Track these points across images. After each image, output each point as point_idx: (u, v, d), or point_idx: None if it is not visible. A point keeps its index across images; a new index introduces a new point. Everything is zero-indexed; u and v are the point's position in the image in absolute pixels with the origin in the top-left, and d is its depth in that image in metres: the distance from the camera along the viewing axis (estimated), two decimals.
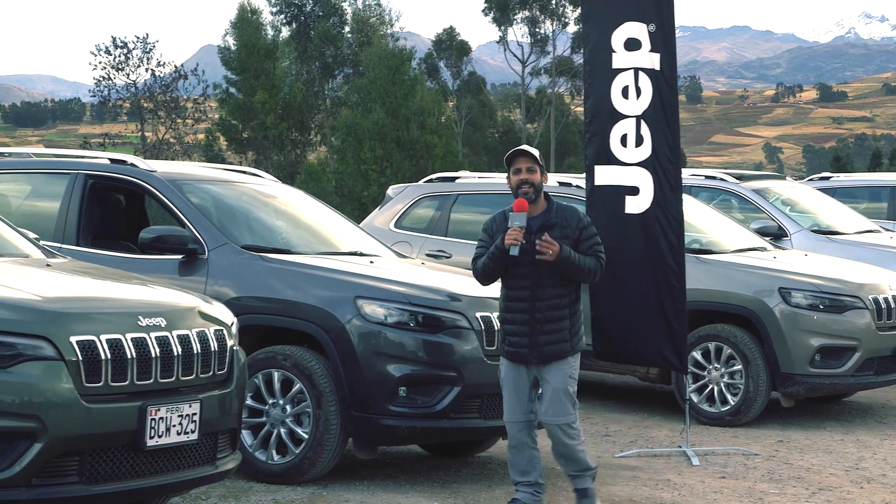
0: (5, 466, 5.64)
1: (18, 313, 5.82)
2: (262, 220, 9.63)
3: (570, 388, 7.52)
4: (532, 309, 7.45)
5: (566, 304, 7.51)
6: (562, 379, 7.48)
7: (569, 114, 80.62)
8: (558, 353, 7.47)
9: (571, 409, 7.53)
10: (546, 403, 7.51)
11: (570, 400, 7.51)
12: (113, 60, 55.08)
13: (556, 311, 7.46)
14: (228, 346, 6.61)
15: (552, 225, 7.48)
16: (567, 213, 7.57)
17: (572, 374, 7.54)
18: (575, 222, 7.54)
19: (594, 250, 7.56)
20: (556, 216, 7.52)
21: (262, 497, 7.89)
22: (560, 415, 7.49)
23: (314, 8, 66.82)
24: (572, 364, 7.54)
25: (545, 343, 7.45)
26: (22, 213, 9.58)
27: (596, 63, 10.03)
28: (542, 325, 7.44)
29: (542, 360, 7.47)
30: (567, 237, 7.47)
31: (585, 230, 7.55)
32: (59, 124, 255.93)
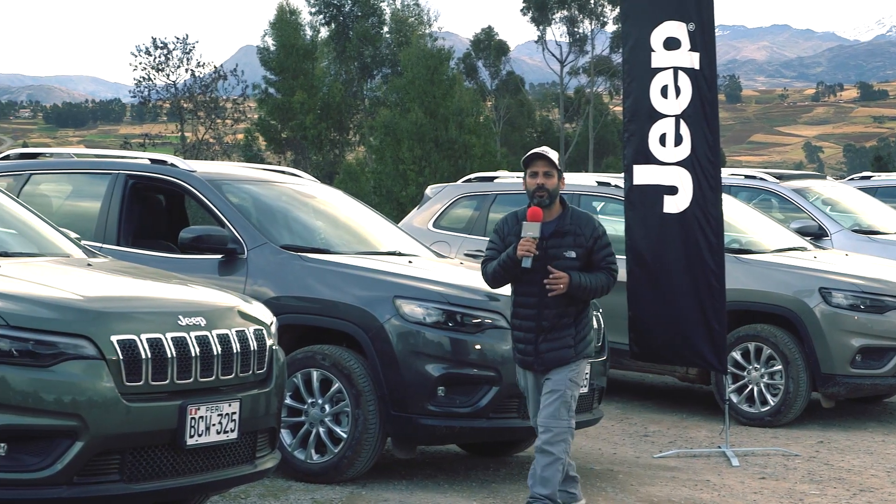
0: (47, 464, 5.68)
1: (60, 313, 5.86)
2: (301, 220, 9.65)
3: (569, 391, 7.27)
4: (538, 317, 7.27)
5: (573, 314, 7.32)
6: (561, 380, 7.27)
7: (607, 113, 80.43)
8: (560, 360, 7.28)
9: (566, 414, 7.26)
10: (542, 404, 7.32)
11: (566, 406, 7.26)
12: (153, 61, 55.32)
13: (561, 320, 7.28)
14: (268, 346, 6.63)
15: (565, 232, 7.28)
16: (582, 220, 7.35)
17: (574, 378, 7.32)
18: (589, 231, 7.31)
19: (606, 262, 7.33)
20: (570, 223, 7.31)
21: (301, 496, 7.91)
22: (550, 418, 7.24)
23: (353, 8, 66.90)
24: (575, 369, 7.32)
25: (547, 350, 7.29)
26: (63, 213, 9.64)
27: (635, 62, 10.01)
28: (546, 334, 7.28)
29: (545, 368, 7.31)
30: (580, 245, 7.26)
31: (599, 240, 7.33)
32: (99, 125, 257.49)
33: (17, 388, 5.63)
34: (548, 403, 7.25)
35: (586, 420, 8.92)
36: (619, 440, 10.40)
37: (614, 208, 12.29)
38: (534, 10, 77.13)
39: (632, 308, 9.95)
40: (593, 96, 77.89)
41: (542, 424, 7.25)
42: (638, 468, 9.32)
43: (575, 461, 9.30)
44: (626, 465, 9.43)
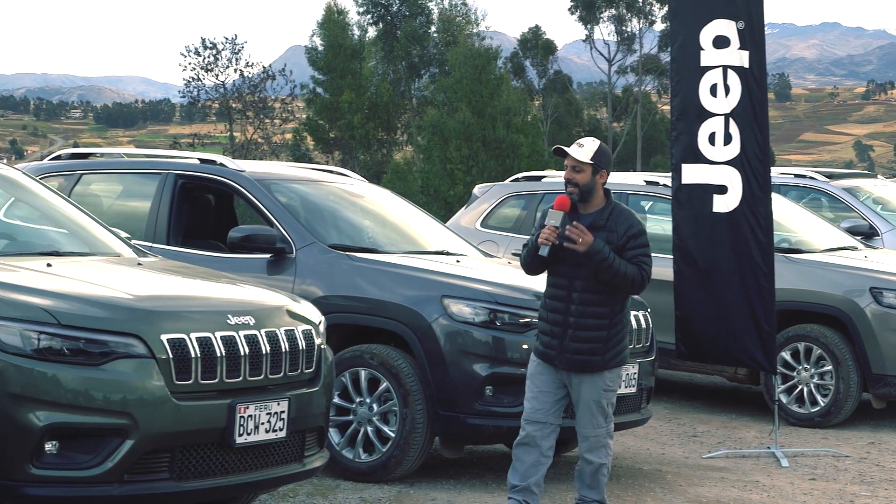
0: (98, 463, 5.73)
1: (111, 312, 5.91)
2: (349, 220, 9.67)
3: (604, 400, 7.08)
4: (566, 311, 7.00)
5: (604, 314, 6.99)
6: (594, 391, 7.05)
7: (655, 112, 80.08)
8: (587, 366, 7.01)
9: (604, 422, 7.11)
10: (578, 414, 7.12)
11: (602, 413, 7.09)
12: (202, 61, 55.54)
13: (591, 319, 6.97)
14: (316, 345, 6.65)
15: (600, 227, 6.99)
16: (620, 217, 7.05)
17: (608, 386, 7.09)
18: (623, 228, 7.00)
19: (638, 260, 6.99)
20: (606, 218, 7.03)
21: (349, 495, 7.93)
22: (589, 427, 7.10)
23: (400, 8, 66.96)
24: (608, 377, 7.07)
25: (575, 351, 6.99)
26: (114, 212, 9.71)
27: (684, 61, 9.97)
28: (574, 331, 6.98)
29: (569, 367, 7.02)
30: (611, 242, 6.94)
31: (634, 238, 7.01)
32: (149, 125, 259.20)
33: (68, 387, 5.68)
34: (584, 414, 7.08)
35: (634, 420, 8.89)
36: (667, 440, 10.37)
37: (663, 208, 12.25)
38: (582, 8, 76.93)
39: (679, 308, 9.92)
40: (641, 95, 77.61)
41: (583, 434, 7.13)
42: (686, 469, 9.28)
43: (623, 461, 9.29)
44: (674, 465, 9.40)
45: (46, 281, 6.19)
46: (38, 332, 5.70)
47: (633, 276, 6.95)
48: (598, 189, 7.10)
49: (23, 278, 6.16)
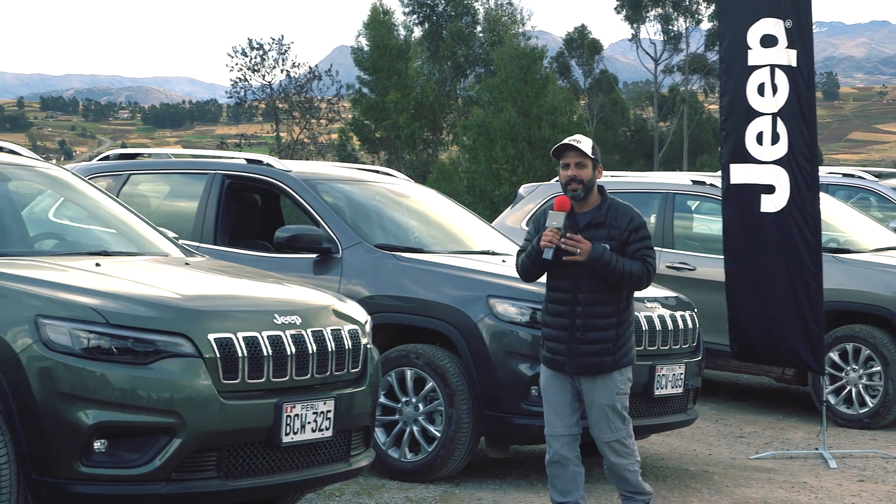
0: (146, 461, 5.76)
1: (158, 311, 5.94)
2: (395, 219, 9.69)
3: (618, 403, 6.87)
4: (572, 314, 6.79)
5: (611, 313, 6.81)
6: (607, 395, 6.84)
7: (702, 111, 79.69)
8: (598, 368, 6.81)
9: (621, 425, 6.89)
10: (593, 419, 6.91)
11: (618, 416, 6.87)
12: (249, 62, 55.75)
13: (598, 319, 6.78)
14: (362, 345, 6.66)
15: (600, 223, 6.80)
16: (619, 211, 6.87)
17: (619, 389, 6.87)
18: (625, 222, 6.81)
19: (641, 254, 6.79)
20: (606, 214, 6.84)
21: (394, 494, 7.94)
22: (607, 431, 6.88)
23: (446, 8, 66.98)
24: (618, 379, 6.86)
25: (584, 354, 6.79)
26: (161, 212, 9.78)
27: (731, 60, 9.92)
28: (582, 333, 6.78)
29: (580, 371, 6.83)
30: (614, 238, 6.77)
31: (636, 232, 6.81)
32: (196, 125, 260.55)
33: (116, 386, 5.72)
34: (600, 419, 6.87)
35: (681, 420, 8.87)
36: (714, 441, 10.32)
37: (710, 207, 12.21)
38: (628, 8, 76.69)
39: (731, 308, 9.89)
40: (688, 94, 77.25)
41: (598, 438, 6.92)
42: (733, 469, 9.24)
43: (669, 462, 9.26)
44: (721, 466, 9.36)
45: (95, 280, 6.24)
46: (87, 331, 5.74)
47: (638, 272, 6.77)
48: (595, 185, 6.93)
49: (72, 278, 6.21)
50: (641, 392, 8.40)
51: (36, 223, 7.59)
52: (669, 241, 12.01)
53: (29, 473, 5.73)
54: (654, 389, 8.43)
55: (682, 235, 12.17)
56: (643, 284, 6.85)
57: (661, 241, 11.99)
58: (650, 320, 8.50)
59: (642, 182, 13.07)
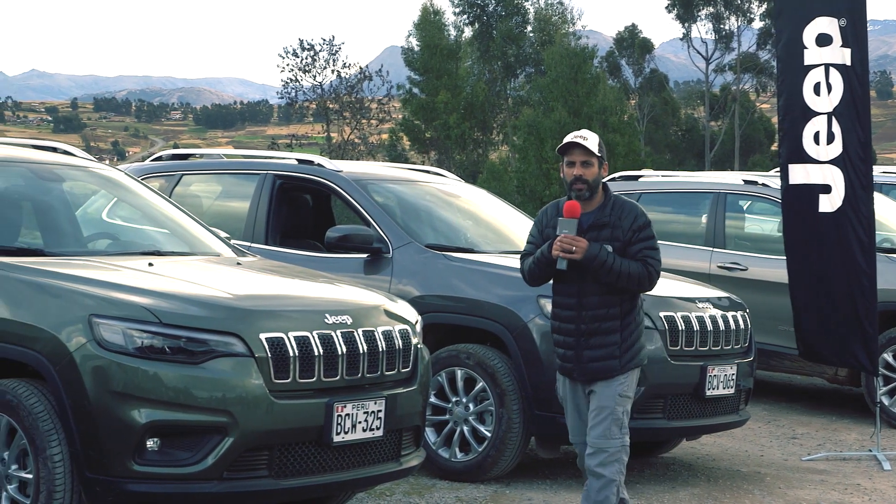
0: (198, 459, 5.79)
1: (211, 311, 5.98)
2: (446, 219, 9.69)
3: (620, 407, 6.49)
4: (578, 319, 6.50)
5: (616, 316, 6.49)
6: (608, 397, 6.48)
7: (753, 111, 79.26)
8: (604, 372, 6.48)
9: (617, 432, 6.46)
10: (591, 422, 6.53)
11: (617, 423, 6.47)
12: (300, 63, 55.95)
13: (603, 324, 6.47)
14: (413, 344, 6.67)
15: (603, 224, 6.47)
16: (624, 210, 6.52)
17: (623, 392, 6.52)
18: (628, 222, 6.47)
19: (644, 255, 6.46)
20: (610, 214, 6.50)
21: (445, 494, 7.94)
22: (602, 438, 6.45)
23: (497, 7, 67.01)
24: (623, 382, 6.51)
25: (590, 360, 6.49)
26: (213, 212, 9.83)
27: (788, 59, 9.87)
28: (587, 339, 6.49)
29: (587, 378, 6.52)
30: (617, 238, 6.45)
31: (639, 231, 6.48)
32: (247, 126, 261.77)
33: (169, 385, 5.76)
34: (597, 422, 6.48)
35: (732, 421, 8.82)
36: (766, 442, 10.26)
37: (762, 207, 12.15)
38: (679, 7, 76.34)
39: (794, 308, 9.86)
40: (739, 94, 76.83)
41: (593, 445, 6.47)
42: (786, 471, 9.18)
43: (721, 463, 9.22)
44: (773, 467, 9.30)
45: (148, 280, 6.28)
46: (140, 330, 5.79)
47: (639, 273, 6.43)
48: (600, 184, 6.59)
49: (125, 278, 6.26)
50: (693, 393, 8.37)
51: (90, 223, 7.66)
52: (721, 241, 11.95)
53: (83, 471, 5.79)
54: (705, 390, 8.40)
55: (733, 235, 12.10)
56: (645, 286, 6.50)
57: (712, 240, 11.94)
58: (701, 321, 8.46)
59: (694, 182, 13.02)
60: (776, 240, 12.05)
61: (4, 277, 6.17)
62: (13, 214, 7.26)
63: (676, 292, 8.69)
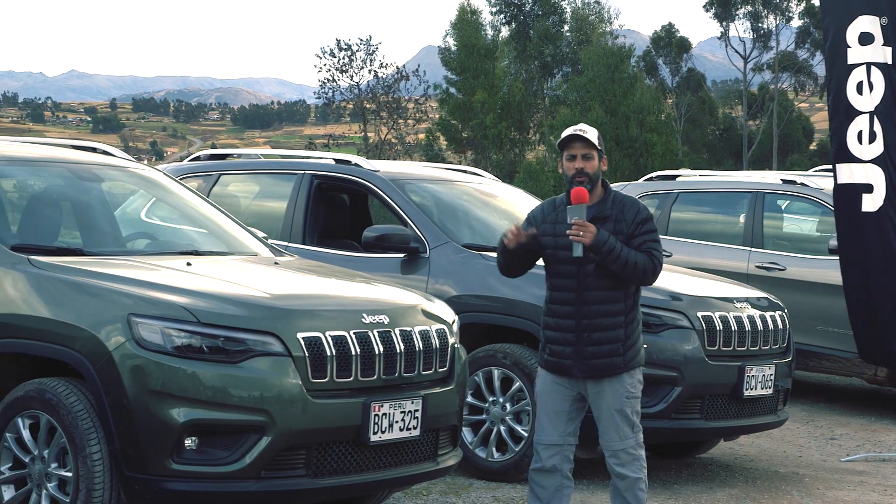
0: (236, 458, 5.82)
1: (248, 310, 6.00)
2: (483, 219, 9.69)
3: (629, 408, 6.44)
4: (579, 314, 6.39)
5: (620, 311, 6.41)
6: (617, 399, 6.40)
7: (792, 110, 78.86)
8: (608, 370, 6.39)
9: (630, 432, 6.44)
10: (602, 426, 6.46)
11: (627, 423, 6.43)
12: (337, 63, 56.00)
13: (607, 318, 6.38)
14: (450, 344, 6.67)
15: (605, 217, 6.40)
16: (625, 204, 6.47)
17: (630, 392, 6.45)
18: (631, 215, 6.42)
19: (647, 247, 6.38)
20: (611, 207, 6.44)
21: (482, 494, 7.94)
22: (615, 439, 6.42)
23: (533, 7, 66.91)
24: (628, 381, 6.44)
25: (593, 356, 6.37)
26: (251, 212, 9.86)
27: (834, 58, 9.85)
28: (589, 334, 6.38)
29: (589, 374, 6.40)
30: (620, 231, 6.38)
31: (642, 224, 6.42)
32: (284, 126, 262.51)
33: (207, 384, 5.78)
34: (609, 425, 6.43)
35: (771, 422, 8.78)
36: (804, 443, 10.21)
37: (800, 207, 12.09)
38: (717, 5, 76.04)
39: (848, 309, 9.85)
40: (777, 93, 76.45)
41: (609, 448, 6.46)
42: (824, 472, 9.13)
43: (759, 463, 9.18)
44: (812, 468, 9.25)
45: (186, 280, 6.31)
46: (178, 329, 5.82)
47: (644, 264, 6.34)
48: (600, 178, 6.54)
49: (164, 277, 6.29)
50: (731, 393, 8.34)
51: (128, 223, 7.70)
52: (759, 240, 11.90)
53: (122, 470, 5.82)
54: (743, 390, 8.36)
55: (771, 235, 12.05)
56: (649, 278, 6.42)
57: (750, 240, 11.90)
58: (739, 321, 8.43)
59: (732, 181, 12.98)
60: (815, 240, 12.00)
61: (44, 277, 6.22)
62: (53, 214, 7.32)
63: (714, 292, 8.66)
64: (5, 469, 6.14)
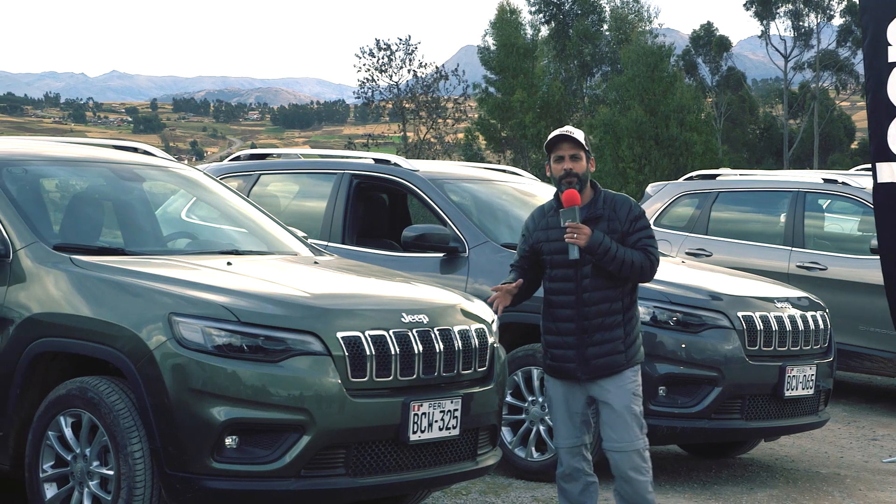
0: (276, 457, 5.84)
1: (288, 309, 6.02)
2: (521, 218, 9.66)
3: (637, 406, 6.36)
4: (579, 316, 6.34)
5: (618, 310, 6.36)
6: (623, 396, 6.34)
7: (833, 109, 78.41)
8: (610, 368, 6.33)
9: (639, 432, 6.35)
10: (608, 428, 6.36)
11: (636, 422, 6.34)
12: (376, 62, 56.11)
13: (607, 318, 6.33)
14: (489, 344, 6.67)
15: (598, 217, 6.35)
16: (616, 202, 6.42)
17: (635, 390, 6.38)
18: (624, 213, 6.37)
19: (643, 244, 6.33)
20: (603, 207, 6.39)
21: (521, 493, 7.94)
22: (625, 440, 6.32)
23: (573, 6, 66.79)
24: (632, 378, 6.37)
25: (595, 356, 6.33)
26: (291, 212, 9.89)
27: (873, 57, 9.76)
28: (590, 335, 6.33)
29: (592, 375, 6.35)
30: (615, 231, 6.32)
31: (636, 221, 6.36)
32: (324, 125, 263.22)
33: (247, 383, 5.81)
34: (618, 426, 6.33)
35: (812, 422, 8.74)
36: (846, 444, 10.15)
37: (842, 206, 12.02)
38: (757, 4, 75.68)
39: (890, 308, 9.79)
40: (818, 91, 76.02)
41: (618, 448, 6.34)
42: (866, 473, 9.08)
43: (800, 464, 9.13)
44: (853, 469, 9.20)
45: (227, 279, 6.34)
46: (219, 329, 5.84)
47: (641, 262, 6.30)
48: (588, 179, 6.47)
49: (204, 276, 6.32)
50: (771, 393, 8.30)
51: (169, 222, 7.74)
52: (800, 240, 11.84)
53: (163, 468, 5.85)
54: (784, 390, 8.33)
55: (812, 235, 11.99)
56: (647, 275, 6.37)
57: (791, 240, 11.84)
58: (780, 320, 8.39)
59: (772, 180, 12.91)
60: (856, 239, 11.93)
61: (86, 276, 6.26)
62: (95, 214, 7.36)
63: (755, 292, 8.62)
64: (48, 467, 6.19)
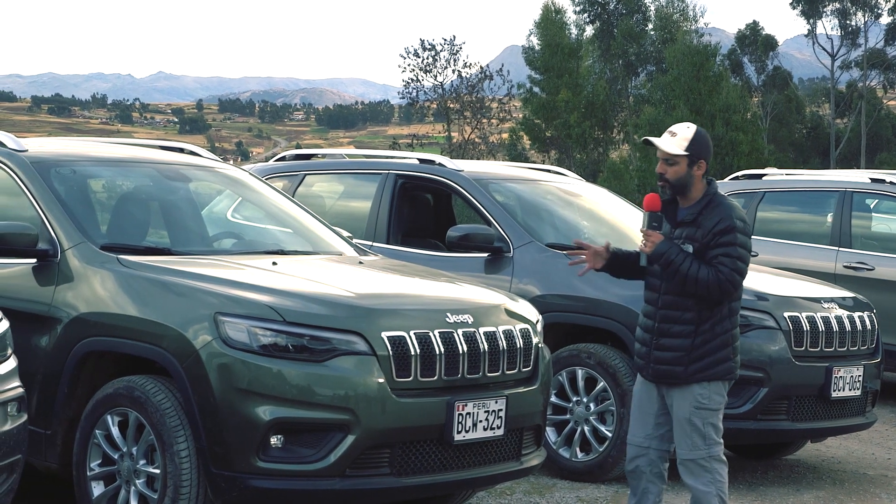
0: (321, 457, 5.85)
1: (333, 309, 6.03)
2: (566, 219, 9.66)
3: (698, 419, 6.17)
4: (654, 317, 6.25)
5: (690, 320, 6.13)
6: (685, 408, 6.18)
7: (881, 108, 77.80)
8: (669, 377, 6.20)
9: (701, 443, 6.18)
10: (674, 434, 6.28)
11: (698, 433, 6.18)
12: (421, 63, 56.25)
13: (674, 326, 6.16)
14: (534, 344, 6.66)
15: (687, 223, 6.16)
16: (713, 211, 6.13)
17: (700, 403, 6.17)
18: (711, 224, 6.09)
19: (718, 261, 6.05)
20: (697, 213, 6.16)
21: (565, 494, 7.92)
22: (683, 448, 6.21)
23: (617, 6, 66.63)
24: (699, 392, 6.17)
25: (658, 361, 6.21)
26: (335, 212, 9.91)
27: None
28: (658, 339, 6.21)
29: (655, 378, 6.26)
30: (696, 239, 6.11)
31: (719, 235, 6.06)
32: (368, 126, 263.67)
33: (292, 383, 5.82)
34: (680, 436, 6.24)
35: (859, 424, 8.68)
36: (893, 445, 10.08)
37: (889, 206, 11.94)
38: (803, 3, 75.21)
39: None
40: (866, 90, 75.44)
41: (679, 457, 6.25)
42: None
43: (847, 465, 9.07)
44: None
45: (272, 279, 6.36)
46: (264, 328, 5.86)
47: (705, 279, 6.03)
48: (696, 182, 6.20)
49: (250, 276, 6.35)
50: (818, 394, 8.26)
51: (215, 222, 7.78)
52: (847, 240, 11.76)
53: (208, 467, 5.88)
54: (831, 391, 8.28)
55: (860, 235, 11.91)
56: (714, 295, 6.07)
57: (838, 240, 11.77)
58: (827, 321, 8.34)
59: (819, 180, 12.83)
60: None
61: (133, 276, 6.31)
62: (141, 214, 7.42)
63: (801, 292, 8.58)
64: (95, 465, 6.24)
